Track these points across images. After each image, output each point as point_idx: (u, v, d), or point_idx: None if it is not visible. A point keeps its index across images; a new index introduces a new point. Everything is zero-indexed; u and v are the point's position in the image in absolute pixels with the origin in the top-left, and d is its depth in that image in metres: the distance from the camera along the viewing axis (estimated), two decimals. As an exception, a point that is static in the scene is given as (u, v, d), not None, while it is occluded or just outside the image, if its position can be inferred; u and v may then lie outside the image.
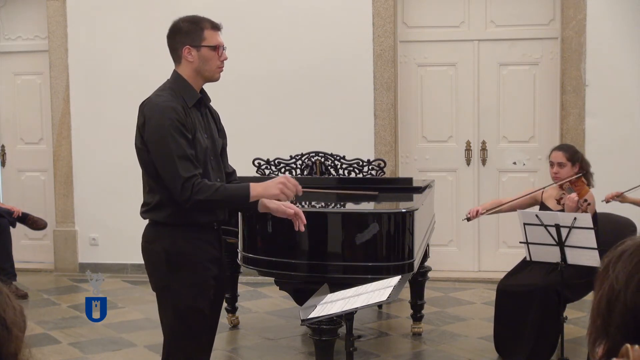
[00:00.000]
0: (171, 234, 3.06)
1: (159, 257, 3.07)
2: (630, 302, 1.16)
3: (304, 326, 4.70)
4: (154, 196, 3.08)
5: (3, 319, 1.32)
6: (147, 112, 3.03)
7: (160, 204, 3.06)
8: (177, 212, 3.03)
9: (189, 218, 3.05)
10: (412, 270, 3.77)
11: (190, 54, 3.09)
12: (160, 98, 3.05)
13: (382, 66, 6.70)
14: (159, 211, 3.07)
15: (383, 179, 5.33)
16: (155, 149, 2.99)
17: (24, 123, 7.52)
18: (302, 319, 2.87)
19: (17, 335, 1.33)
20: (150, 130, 3.00)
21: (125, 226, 6.90)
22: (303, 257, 3.77)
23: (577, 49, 6.45)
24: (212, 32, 3.11)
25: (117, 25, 7.02)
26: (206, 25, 3.12)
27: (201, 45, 3.08)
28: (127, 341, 5.19)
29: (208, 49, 3.09)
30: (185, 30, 3.11)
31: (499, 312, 4.65)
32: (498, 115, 6.78)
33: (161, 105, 3.01)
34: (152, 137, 3.00)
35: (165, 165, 2.97)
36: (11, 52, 7.47)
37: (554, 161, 4.66)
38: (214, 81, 3.17)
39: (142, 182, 3.17)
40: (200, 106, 3.16)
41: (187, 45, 3.08)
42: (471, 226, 6.86)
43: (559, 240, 4.16)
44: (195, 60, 3.09)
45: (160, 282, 3.11)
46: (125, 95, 6.96)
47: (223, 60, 3.13)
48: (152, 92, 3.13)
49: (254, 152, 5.56)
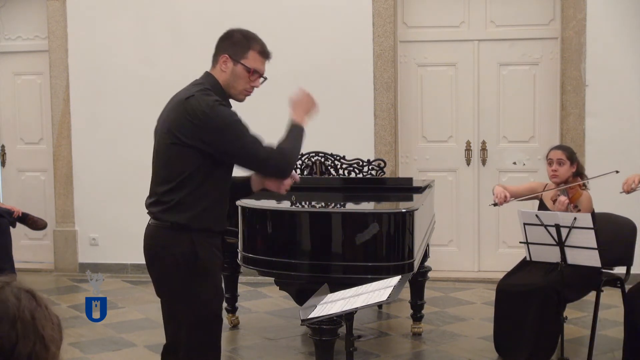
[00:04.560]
0: (190, 239, 2.94)
1: (177, 263, 2.95)
2: None
3: (304, 326, 4.71)
4: (175, 194, 2.94)
5: (42, 336, 1.29)
6: (201, 107, 2.89)
7: (180, 203, 2.94)
8: (200, 214, 2.94)
9: (206, 223, 2.97)
10: (412, 270, 3.77)
11: (226, 64, 3.01)
12: (210, 97, 2.94)
13: (382, 66, 6.70)
14: (179, 212, 2.94)
15: (383, 179, 5.33)
16: (232, 143, 2.90)
17: (24, 123, 7.53)
18: (302, 319, 2.86)
19: (54, 353, 1.31)
20: (219, 127, 2.88)
21: (125, 226, 6.90)
22: (303, 257, 3.77)
23: (577, 49, 6.45)
24: (258, 56, 3.04)
25: (117, 25, 7.02)
26: (255, 46, 3.04)
27: (239, 62, 3.01)
28: (127, 341, 5.19)
29: (244, 68, 3.01)
30: (234, 40, 3.04)
31: (499, 311, 4.65)
32: (498, 115, 6.78)
33: (217, 102, 2.92)
34: (224, 133, 2.88)
35: (250, 156, 2.94)
36: (11, 52, 7.47)
37: (553, 158, 4.64)
38: (237, 101, 3.10)
39: (158, 180, 3.03)
40: None
41: (227, 55, 3.01)
42: (471, 226, 6.87)
43: (559, 240, 4.16)
44: (228, 72, 3.02)
45: (178, 289, 2.99)
46: (125, 95, 6.97)
47: (253, 86, 3.07)
48: (188, 89, 3.01)
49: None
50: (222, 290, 3.12)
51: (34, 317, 1.30)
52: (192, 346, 3.04)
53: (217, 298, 3.06)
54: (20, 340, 1.25)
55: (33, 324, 1.29)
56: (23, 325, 1.27)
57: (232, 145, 2.92)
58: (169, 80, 3.21)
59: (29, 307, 1.31)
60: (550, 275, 4.41)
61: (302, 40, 6.76)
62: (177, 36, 6.89)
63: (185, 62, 6.46)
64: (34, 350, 1.27)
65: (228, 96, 3.07)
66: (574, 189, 4.56)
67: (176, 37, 6.89)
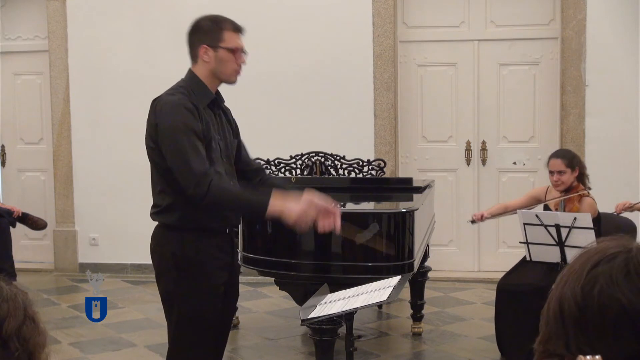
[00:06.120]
0: (181, 238, 2.95)
1: (167, 262, 2.97)
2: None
3: (304, 326, 4.70)
4: (165, 198, 2.96)
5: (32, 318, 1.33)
6: (159, 110, 2.91)
7: (170, 206, 2.95)
8: (188, 216, 2.93)
9: (199, 222, 2.94)
10: (412, 270, 3.77)
11: (207, 54, 2.98)
12: (172, 97, 2.93)
13: (382, 66, 6.70)
14: (168, 214, 2.96)
15: (383, 179, 5.33)
16: (168, 146, 2.86)
17: (24, 123, 7.52)
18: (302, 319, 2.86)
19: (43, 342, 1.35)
20: (163, 129, 2.87)
21: (125, 226, 6.90)
22: (303, 257, 3.77)
23: (577, 49, 6.45)
24: (233, 34, 3.01)
25: (117, 25, 7.02)
26: (227, 26, 3.01)
27: (219, 46, 2.98)
28: (127, 341, 5.19)
29: (226, 51, 2.98)
30: (205, 29, 3.01)
31: (499, 310, 4.65)
32: (498, 115, 6.78)
33: (174, 103, 2.89)
34: (165, 135, 2.87)
35: (178, 163, 2.83)
36: (11, 52, 7.47)
37: (554, 170, 4.65)
38: (229, 84, 3.05)
39: (152, 183, 3.05)
40: (214, 107, 3.05)
41: (205, 45, 2.98)
42: (471, 226, 6.85)
43: (559, 240, 4.16)
44: (212, 61, 2.98)
45: (166, 287, 3.01)
46: (125, 95, 6.96)
47: (241, 64, 3.03)
48: (165, 91, 3.02)
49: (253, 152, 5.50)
50: (217, 291, 3.02)
51: (25, 305, 1.33)
52: (176, 345, 3.04)
53: (207, 298, 2.98)
54: (10, 315, 1.28)
55: (24, 307, 1.32)
56: (14, 304, 1.30)
57: (168, 147, 2.87)
58: (169, 81, 3.20)
59: (21, 295, 1.33)
60: (550, 275, 4.41)
61: (302, 40, 6.76)
62: (177, 36, 6.85)
63: (186, 62, 6.44)
64: (24, 325, 1.30)
65: (220, 82, 3.04)
66: (572, 201, 4.59)
67: (176, 37, 6.87)
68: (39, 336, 1.33)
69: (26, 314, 1.31)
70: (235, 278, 3.18)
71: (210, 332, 3.04)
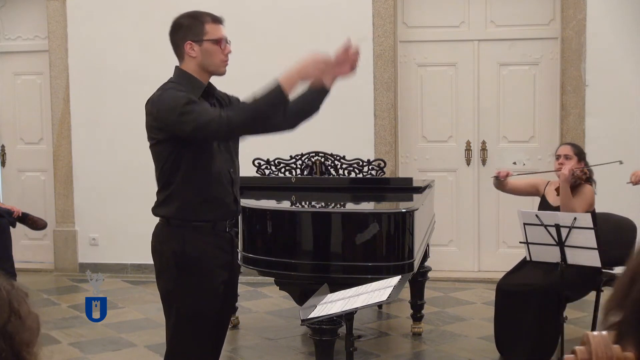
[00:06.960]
0: (181, 236, 2.97)
1: (168, 260, 2.99)
2: None
3: (304, 326, 4.71)
4: (166, 191, 3.00)
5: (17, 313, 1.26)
6: (155, 100, 2.96)
7: (170, 197, 2.98)
8: (187, 206, 2.96)
9: (198, 213, 2.97)
10: (412, 270, 3.77)
11: (193, 49, 3.01)
12: (164, 89, 2.99)
13: (382, 66, 6.70)
14: (168, 205, 2.99)
15: (383, 179, 5.33)
16: (175, 119, 2.87)
17: (24, 123, 7.52)
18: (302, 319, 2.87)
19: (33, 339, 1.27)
20: (165, 109, 2.89)
21: (125, 226, 6.90)
22: (303, 257, 3.78)
23: (577, 49, 6.45)
24: (214, 26, 3.04)
25: (117, 25, 7.02)
26: (207, 19, 3.05)
27: (203, 40, 3.01)
28: (127, 341, 5.19)
29: (210, 43, 3.01)
30: (186, 26, 3.05)
31: (499, 310, 4.65)
32: (498, 115, 6.78)
33: (167, 89, 2.96)
34: (168, 115, 2.89)
35: (193, 124, 2.84)
36: (11, 52, 7.47)
37: (561, 154, 4.69)
38: (219, 75, 3.08)
39: (156, 182, 3.08)
40: (208, 97, 3.07)
41: (189, 41, 3.01)
42: (471, 226, 6.86)
43: (559, 240, 4.16)
44: (198, 55, 3.01)
45: (166, 285, 3.03)
46: (125, 95, 6.96)
47: (227, 53, 3.05)
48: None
49: (254, 152, 5.56)
50: (217, 290, 3.03)
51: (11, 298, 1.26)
52: (174, 344, 3.05)
53: (207, 297, 2.99)
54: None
55: (9, 301, 1.25)
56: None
57: (173, 115, 2.88)
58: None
59: (6, 288, 1.27)
60: (550, 275, 4.41)
61: (302, 40, 6.75)
62: (177, 36, 6.88)
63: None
64: (9, 321, 1.23)
65: (209, 75, 3.06)
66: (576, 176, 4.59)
67: (176, 37, 6.89)
68: (25, 333, 1.25)
69: (11, 308, 1.24)
70: (235, 278, 3.19)
71: (208, 331, 3.04)
